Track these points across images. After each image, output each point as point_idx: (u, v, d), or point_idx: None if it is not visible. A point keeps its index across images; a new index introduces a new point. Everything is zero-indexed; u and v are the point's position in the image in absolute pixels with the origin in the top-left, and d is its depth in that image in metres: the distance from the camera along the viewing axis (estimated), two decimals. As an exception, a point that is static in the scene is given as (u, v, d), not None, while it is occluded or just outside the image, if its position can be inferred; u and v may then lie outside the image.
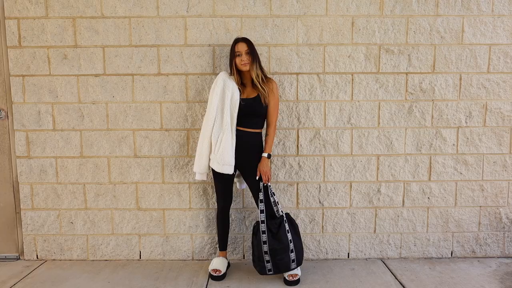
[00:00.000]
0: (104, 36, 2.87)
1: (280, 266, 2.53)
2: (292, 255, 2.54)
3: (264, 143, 2.68)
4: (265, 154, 2.61)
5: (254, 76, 2.57)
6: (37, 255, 3.03)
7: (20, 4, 2.84)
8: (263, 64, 2.75)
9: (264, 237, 2.53)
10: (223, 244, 2.80)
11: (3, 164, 2.99)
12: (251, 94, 2.63)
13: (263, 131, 2.72)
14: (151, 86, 2.91)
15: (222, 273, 2.68)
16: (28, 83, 2.90)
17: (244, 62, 2.56)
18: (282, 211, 2.61)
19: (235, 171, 2.63)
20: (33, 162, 2.95)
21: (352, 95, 2.93)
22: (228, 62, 2.81)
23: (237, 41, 2.60)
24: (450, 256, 3.05)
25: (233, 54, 2.59)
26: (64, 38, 2.87)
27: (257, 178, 2.59)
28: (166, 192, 2.98)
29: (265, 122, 2.70)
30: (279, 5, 2.85)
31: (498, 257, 3.04)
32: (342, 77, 2.91)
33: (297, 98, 2.92)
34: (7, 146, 2.98)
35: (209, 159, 2.60)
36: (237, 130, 2.61)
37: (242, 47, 2.57)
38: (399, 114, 2.95)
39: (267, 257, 2.52)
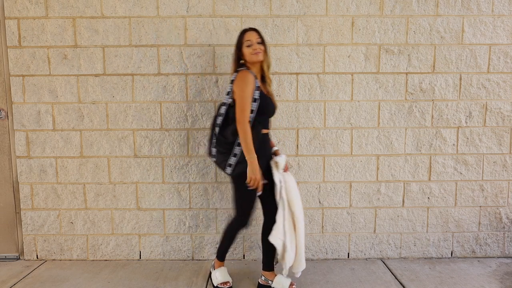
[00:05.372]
0: (104, 36, 2.87)
1: None
2: None
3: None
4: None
5: (265, 68, 2.37)
6: (37, 255, 3.03)
7: (20, 4, 2.84)
8: None
9: None
10: (225, 255, 2.62)
11: (3, 164, 2.99)
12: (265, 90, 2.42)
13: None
14: (151, 86, 2.91)
15: (231, 284, 2.54)
16: (28, 83, 2.90)
17: (257, 51, 2.30)
18: None
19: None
20: (33, 162, 2.95)
21: (352, 95, 2.93)
22: (228, 62, 2.80)
23: (245, 30, 2.38)
24: (450, 256, 3.05)
25: (240, 45, 2.36)
26: (64, 38, 2.87)
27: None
28: (166, 192, 2.98)
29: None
30: (279, 5, 2.85)
31: (498, 257, 3.04)
32: (342, 77, 2.91)
33: (297, 98, 2.92)
34: (7, 146, 2.98)
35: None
36: (263, 134, 2.40)
37: (252, 36, 2.33)
38: (399, 114, 2.94)
39: None
